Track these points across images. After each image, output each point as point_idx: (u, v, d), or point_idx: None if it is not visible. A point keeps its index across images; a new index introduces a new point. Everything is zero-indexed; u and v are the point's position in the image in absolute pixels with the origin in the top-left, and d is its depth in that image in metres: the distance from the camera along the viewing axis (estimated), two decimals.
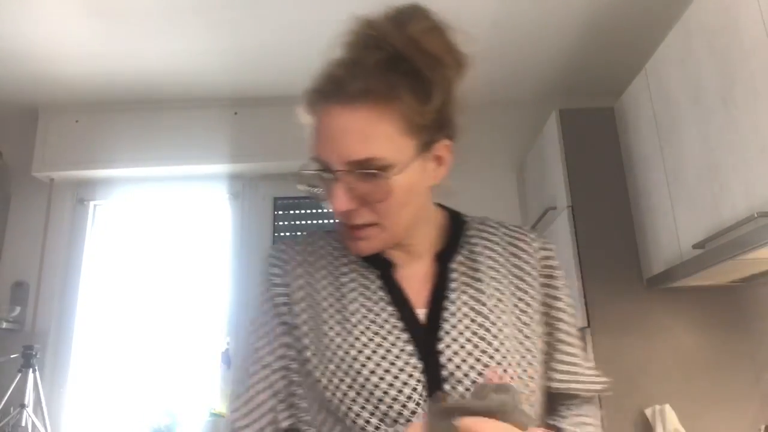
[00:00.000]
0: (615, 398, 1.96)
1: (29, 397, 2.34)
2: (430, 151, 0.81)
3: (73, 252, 2.83)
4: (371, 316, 0.79)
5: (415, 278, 0.84)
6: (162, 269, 2.83)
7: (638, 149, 2.12)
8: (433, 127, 0.79)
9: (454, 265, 0.86)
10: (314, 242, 0.90)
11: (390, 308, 0.80)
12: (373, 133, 0.74)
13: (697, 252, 1.71)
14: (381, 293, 0.82)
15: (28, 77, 2.60)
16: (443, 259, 0.87)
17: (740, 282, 1.97)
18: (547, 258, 0.91)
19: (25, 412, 2.31)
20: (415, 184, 0.79)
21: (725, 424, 1.93)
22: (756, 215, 1.42)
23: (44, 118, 2.83)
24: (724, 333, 2.03)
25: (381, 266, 0.85)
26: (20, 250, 2.78)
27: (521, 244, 0.92)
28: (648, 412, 1.93)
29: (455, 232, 0.91)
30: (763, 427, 1.90)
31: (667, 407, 1.90)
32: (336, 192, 0.75)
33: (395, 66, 0.75)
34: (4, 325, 2.58)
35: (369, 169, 0.74)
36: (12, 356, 2.41)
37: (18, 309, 2.63)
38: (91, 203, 2.92)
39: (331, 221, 2.80)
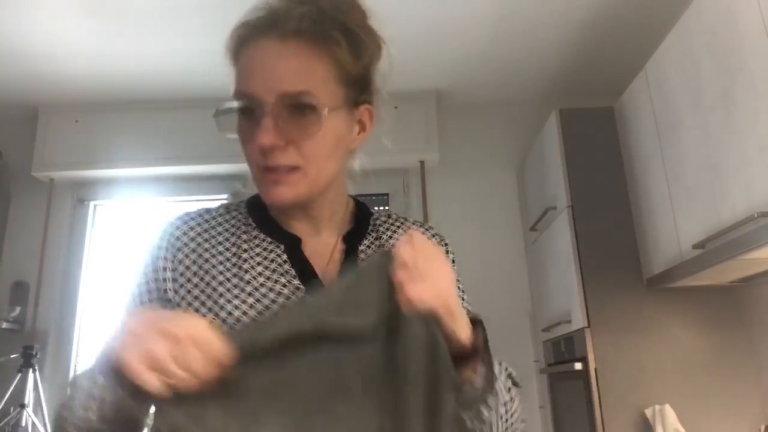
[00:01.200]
0: (615, 398, 1.96)
1: (29, 397, 2.34)
2: (357, 111, 0.80)
3: (73, 252, 2.83)
4: (277, 288, 0.75)
5: (322, 255, 0.81)
6: None
7: (638, 149, 2.12)
8: (360, 85, 0.78)
9: (362, 248, 0.84)
10: (216, 217, 0.84)
11: (296, 281, 0.76)
12: (310, 69, 0.73)
13: (697, 252, 1.71)
14: (287, 266, 0.78)
15: (28, 77, 2.60)
16: (351, 240, 0.84)
17: (740, 282, 1.97)
18: (447, 253, 0.95)
19: (25, 412, 2.31)
20: (341, 137, 0.77)
21: (725, 424, 1.94)
22: (756, 215, 1.41)
23: (44, 118, 2.82)
24: (724, 333, 2.03)
25: (286, 242, 0.80)
26: (20, 250, 2.78)
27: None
28: (648, 412, 1.93)
29: (363, 218, 0.88)
30: (763, 427, 1.90)
31: (667, 407, 1.90)
32: (264, 125, 0.71)
33: (328, 17, 0.74)
34: (4, 325, 2.58)
35: (302, 103, 0.72)
36: (12, 356, 2.41)
37: (18, 309, 2.63)
38: (91, 203, 2.92)
39: None
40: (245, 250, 0.79)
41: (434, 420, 0.63)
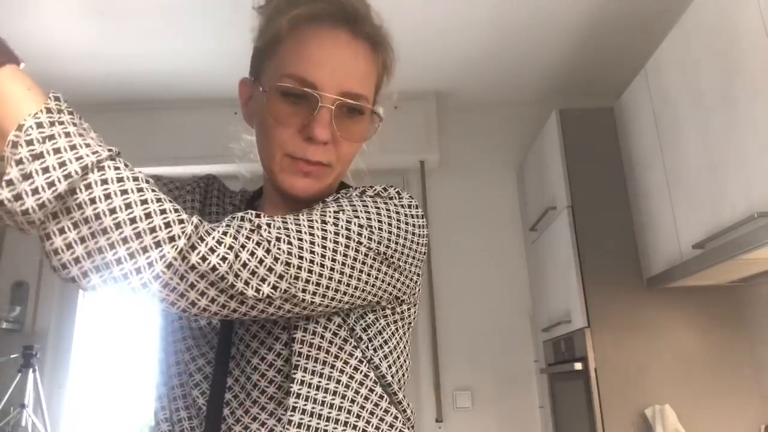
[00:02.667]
0: (615, 398, 1.96)
1: (29, 397, 2.34)
2: None
3: None
4: None
5: None
6: None
7: (638, 149, 2.12)
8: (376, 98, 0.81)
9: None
10: (228, 195, 0.91)
11: None
12: (370, 76, 0.75)
13: (697, 252, 1.71)
14: None
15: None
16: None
17: (740, 282, 1.97)
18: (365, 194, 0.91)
19: (25, 412, 2.31)
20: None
21: (725, 424, 1.94)
22: (756, 215, 1.42)
23: None
24: (724, 333, 2.03)
25: None
26: (20, 250, 2.78)
27: None
28: (648, 412, 1.93)
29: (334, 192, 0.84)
30: (763, 427, 1.90)
31: (667, 407, 1.90)
32: (323, 118, 0.69)
33: (386, 33, 0.78)
34: (4, 325, 2.58)
35: (357, 106, 0.72)
36: (12, 356, 2.41)
37: (18, 309, 2.63)
38: None
39: None
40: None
41: None
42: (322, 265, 0.63)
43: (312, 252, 0.62)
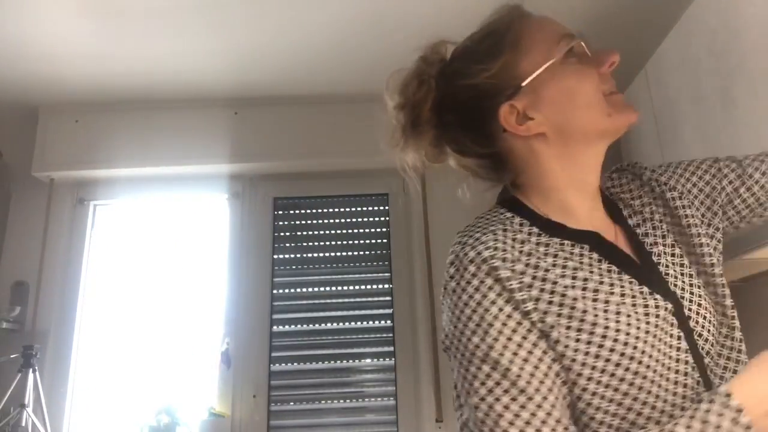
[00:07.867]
0: None
1: (29, 397, 2.34)
2: None
3: (73, 252, 2.82)
4: (617, 291, 0.75)
5: (617, 242, 0.84)
6: (162, 269, 2.83)
7: (638, 149, 2.11)
8: None
9: (631, 223, 0.89)
10: (511, 226, 0.81)
11: (626, 276, 0.77)
12: None
13: None
14: (606, 265, 0.78)
15: (28, 77, 2.60)
16: (615, 218, 0.89)
17: (740, 282, 1.97)
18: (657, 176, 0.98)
19: (25, 412, 2.31)
20: None
21: None
22: None
23: (44, 118, 2.83)
24: None
25: (589, 241, 0.80)
26: (20, 250, 2.78)
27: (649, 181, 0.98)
28: None
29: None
30: None
31: None
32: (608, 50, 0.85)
33: None
34: (4, 325, 2.58)
35: None
36: (12, 356, 2.41)
37: (18, 309, 2.63)
38: (91, 203, 2.92)
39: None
40: (563, 258, 0.77)
41: None
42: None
43: None
